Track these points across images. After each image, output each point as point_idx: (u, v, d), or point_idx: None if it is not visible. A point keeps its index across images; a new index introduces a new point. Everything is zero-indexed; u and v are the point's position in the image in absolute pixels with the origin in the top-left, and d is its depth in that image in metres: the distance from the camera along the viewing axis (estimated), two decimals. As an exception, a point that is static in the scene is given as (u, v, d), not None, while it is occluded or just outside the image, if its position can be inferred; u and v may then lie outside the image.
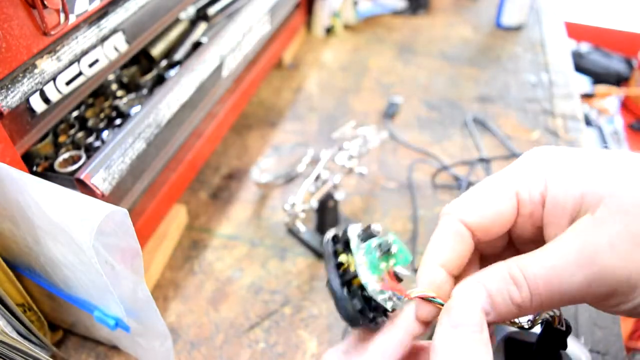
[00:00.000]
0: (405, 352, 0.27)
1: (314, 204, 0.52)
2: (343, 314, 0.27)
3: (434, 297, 0.27)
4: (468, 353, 0.23)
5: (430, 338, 0.26)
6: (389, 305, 0.27)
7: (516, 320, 0.29)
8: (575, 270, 0.23)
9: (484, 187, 0.28)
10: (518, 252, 0.27)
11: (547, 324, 0.30)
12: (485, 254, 0.31)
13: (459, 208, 0.28)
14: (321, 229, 0.57)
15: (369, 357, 0.27)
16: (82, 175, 0.40)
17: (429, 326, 0.28)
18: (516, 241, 0.30)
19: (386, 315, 0.28)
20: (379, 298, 0.27)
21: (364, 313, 0.27)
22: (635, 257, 0.22)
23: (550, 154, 0.27)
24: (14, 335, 0.35)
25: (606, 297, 0.23)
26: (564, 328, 0.29)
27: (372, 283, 0.27)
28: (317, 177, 0.54)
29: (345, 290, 0.27)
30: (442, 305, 0.26)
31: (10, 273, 0.38)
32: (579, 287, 0.23)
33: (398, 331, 0.27)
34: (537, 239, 0.28)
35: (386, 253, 0.28)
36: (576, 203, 0.25)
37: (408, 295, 0.27)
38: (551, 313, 0.29)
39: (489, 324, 0.25)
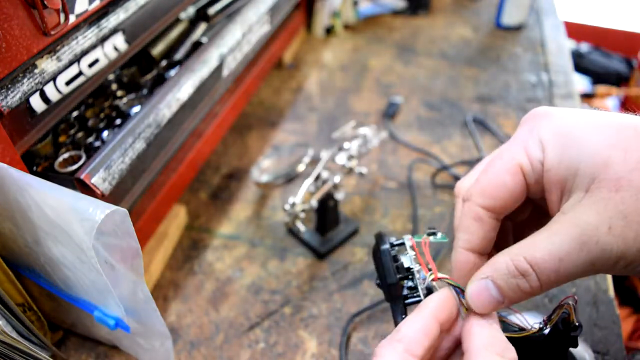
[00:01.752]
0: (433, 338, 0.28)
1: (314, 204, 0.52)
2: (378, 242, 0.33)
3: (455, 283, 0.30)
4: (503, 340, 0.27)
5: None
6: (412, 262, 0.32)
7: (525, 326, 0.29)
8: (579, 255, 0.25)
9: (493, 168, 0.30)
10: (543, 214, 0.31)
11: (556, 322, 0.30)
12: (515, 222, 0.34)
13: (476, 194, 0.30)
14: (321, 229, 0.57)
15: (397, 336, 0.28)
16: (82, 175, 0.40)
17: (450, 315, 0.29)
18: (538, 203, 0.33)
19: (407, 275, 0.32)
20: (410, 252, 0.32)
21: (392, 250, 0.33)
22: (630, 237, 0.25)
23: (545, 123, 0.29)
24: (14, 335, 0.35)
25: (610, 269, 0.26)
26: (577, 324, 0.30)
27: (408, 241, 0.33)
28: (317, 177, 0.54)
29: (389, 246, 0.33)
30: (459, 287, 0.30)
31: (10, 273, 0.38)
32: (583, 268, 0.26)
33: (423, 313, 0.29)
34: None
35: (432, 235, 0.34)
36: (567, 177, 0.27)
37: (436, 275, 0.31)
38: (565, 311, 0.30)
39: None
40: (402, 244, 0.33)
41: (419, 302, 0.31)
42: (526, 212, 0.34)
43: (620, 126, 0.27)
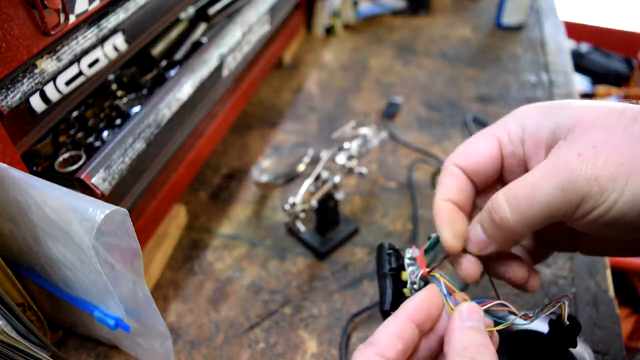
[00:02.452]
0: (408, 340, 0.28)
1: (314, 204, 0.52)
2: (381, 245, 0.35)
3: (444, 275, 0.32)
4: (478, 343, 0.27)
5: None
6: (407, 260, 0.33)
7: (517, 312, 0.30)
8: (550, 179, 0.27)
9: (473, 136, 0.35)
10: None
11: (555, 322, 0.30)
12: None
13: (453, 154, 0.35)
14: (321, 229, 0.57)
15: (371, 339, 0.29)
16: (82, 175, 0.40)
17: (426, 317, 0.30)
18: None
19: (400, 268, 0.33)
20: (407, 255, 0.34)
21: (393, 250, 0.34)
22: (599, 162, 0.26)
23: (527, 107, 0.33)
24: (14, 335, 0.35)
25: (580, 203, 0.27)
26: (568, 323, 0.30)
27: (409, 248, 0.35)
28: (317, 177, 0.54)
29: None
30: (448, 283, 0.31)
31: (10, 273, 0.38)
32: (554, 195, 0.27)
33: (398, 316, 0.30)
34: None
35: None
36: (549, 136, 0.30)
37: (425, 271, 0.33)
38: (558, 311, 0.30)
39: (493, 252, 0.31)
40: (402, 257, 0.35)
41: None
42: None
43: (592, 101, 0.30)
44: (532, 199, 0.27)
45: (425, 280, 0.33)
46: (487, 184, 0.35)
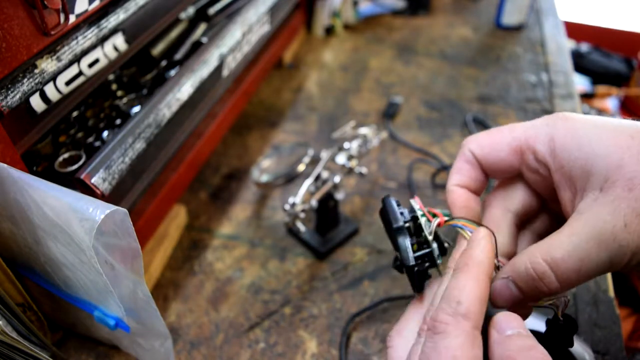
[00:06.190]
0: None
1: (314, 204, 0.52)
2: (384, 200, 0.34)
3: (466, 221, 0.32)
4: (522, 347, 0.26)
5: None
6: (418, 211, 0.33)
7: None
8: (599, 254, 0.26)
9: (499, 130, 0.33)
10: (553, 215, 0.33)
11: (552, 321, 0.30)
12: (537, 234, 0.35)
13: (473, 140, 0.34)
14: (321, 229, 0.57)
15: (461, 309, 0.26)
16: (82, 175, 0.40)
17: None
18: (548, 201, 0.34)
19: (414, 219, 0.32)
20: (415, 206, 0.33)
21: (405, 219, 0.32)
22: None
23: (561, 122, 0.30)
24: (14, 335, 0.35)
25: (623, 266, 0.26)
26: (562, 321, 0.30)
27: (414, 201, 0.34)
28: (317, 177, 0.54)
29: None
30: (462, 228, 0.32)
31: (10, 273, 0.38)
32: (603, 265, 0.26)
33: (480, 277, 0.28)
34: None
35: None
36: (583, 176, 0.28)
37: (442, 220, 0.32)
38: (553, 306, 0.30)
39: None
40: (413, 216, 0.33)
41: (430, 252, 0.32)
42: (545, 222, 0.35)
43: (634, 132, 0.27)
44: (582, 274, 0.26)
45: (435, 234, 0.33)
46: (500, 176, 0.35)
